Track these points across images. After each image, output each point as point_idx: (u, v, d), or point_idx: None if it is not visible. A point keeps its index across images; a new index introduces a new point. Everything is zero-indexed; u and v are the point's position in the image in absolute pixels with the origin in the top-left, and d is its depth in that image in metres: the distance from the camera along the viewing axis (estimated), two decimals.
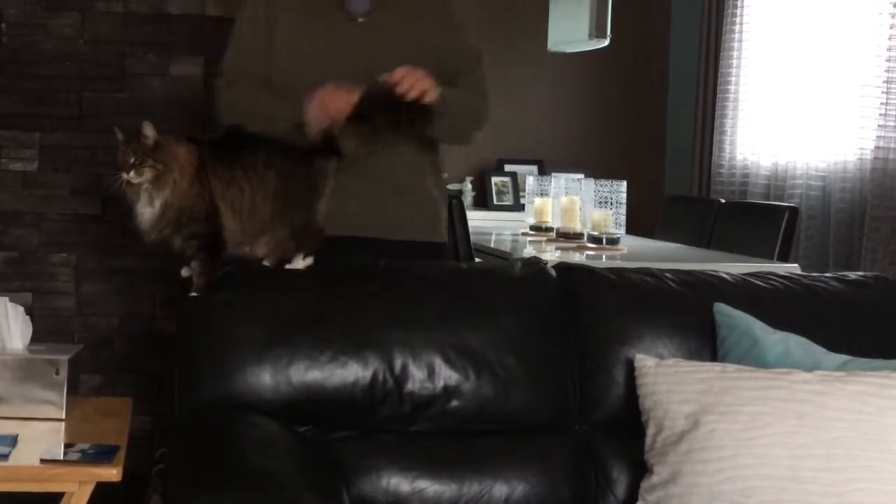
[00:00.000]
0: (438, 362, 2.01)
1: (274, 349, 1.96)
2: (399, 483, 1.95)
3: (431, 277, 2.20)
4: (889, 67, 4.17)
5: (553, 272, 2.19)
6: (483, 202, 5.63)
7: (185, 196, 2.04)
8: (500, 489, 1.97)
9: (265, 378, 1.94)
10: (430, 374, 2.00)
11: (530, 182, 4.55)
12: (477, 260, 3.69)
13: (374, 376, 1.98)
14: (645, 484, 1.92)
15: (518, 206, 5.47)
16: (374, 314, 2.04)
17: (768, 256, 3.82)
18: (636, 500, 1.93)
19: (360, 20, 2.43)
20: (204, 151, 2.07)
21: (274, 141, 2.13)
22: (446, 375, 2.01)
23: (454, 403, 2.01)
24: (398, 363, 1.99)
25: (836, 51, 4.50)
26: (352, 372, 1.97)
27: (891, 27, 4.19)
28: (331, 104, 2.18)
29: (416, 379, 1.99)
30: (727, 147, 5.13)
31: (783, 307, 2.15)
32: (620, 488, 2.00)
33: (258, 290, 2.06)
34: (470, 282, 2.19)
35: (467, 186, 5.60)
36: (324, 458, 1.93)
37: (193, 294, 2.07)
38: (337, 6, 2.43)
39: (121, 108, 3.60)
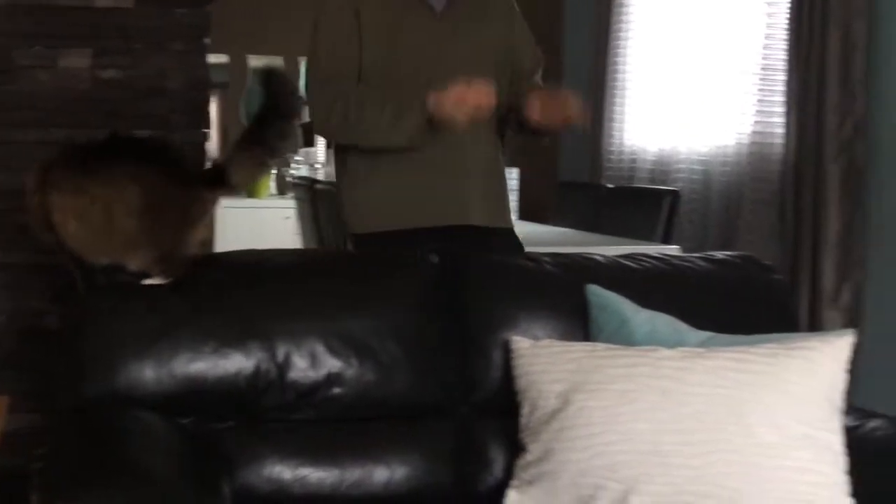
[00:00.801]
0: (321, 350, 2.03)
1: (157, 343, 1.96)
2: (282, 471, 1.97)
3: (314, 266, 2.23)
4: (766, 55, 4.31)
5: (435, 258, 2.23)
6: None
7: (29, 208, 2.08)
8: (380, 473, 2.01)
9: (148, 372, 1.95)
10: (313, 363, 2.02)
11: None
12: None
13: (257, 366, 1.99)
14: (520, 462, 1.96)
15: None
16: (257, 305, 2.05)
17: (652, 239, 3.93)
18: (512, 478, 1.97)
19: (438, 13, 2.48)
20: (53, 163, 2.06)
21: (158, 155, 2.09)
22: (329, 363, 2.03)
23: (336, 391, 2.03)
24: (281, 352, 2.01)
25: (716, 40, 4.63)
26: (234, 363, 1.98)
27: (768, 15, 4.33)
28: (473, 97, 2.26)
29: (299, 368, 2.01)
30: (616, 134, 5.24)
31: (652, 287, 2.21)
32: (497, 467, 2.04)
33: (141, 285, 2.06)
34: (352, 270, 2.21)
35: None
36: (207, 449, 1.93)
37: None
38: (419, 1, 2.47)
39: (8, 101, 3.52)
